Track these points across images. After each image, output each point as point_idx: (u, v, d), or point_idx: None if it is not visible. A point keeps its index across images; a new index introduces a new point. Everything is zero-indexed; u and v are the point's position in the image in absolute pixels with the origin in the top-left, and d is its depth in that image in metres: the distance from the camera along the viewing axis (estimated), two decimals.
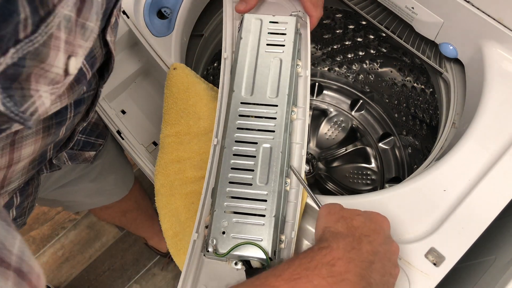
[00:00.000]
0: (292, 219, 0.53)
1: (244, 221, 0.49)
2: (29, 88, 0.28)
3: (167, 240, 0.57)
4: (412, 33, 0.73)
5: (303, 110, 0.58)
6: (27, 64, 0.27)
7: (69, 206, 0.95)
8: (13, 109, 0.27)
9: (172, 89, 0.62)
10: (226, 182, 0.52)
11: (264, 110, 0.55)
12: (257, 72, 0.57)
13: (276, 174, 0.51)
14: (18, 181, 0.48)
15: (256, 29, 0.60)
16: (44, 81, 0.30)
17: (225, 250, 0.48)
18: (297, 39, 0.60)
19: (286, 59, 0.57)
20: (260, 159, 0.52)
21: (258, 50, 0.59)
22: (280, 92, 0.55)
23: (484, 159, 0.55)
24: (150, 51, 0.67)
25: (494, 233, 0.55)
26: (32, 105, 0.29)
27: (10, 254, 0.24)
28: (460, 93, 0.69)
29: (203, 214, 0.53)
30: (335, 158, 1.08)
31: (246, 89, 0.56)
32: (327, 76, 1.13)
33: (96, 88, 0.49)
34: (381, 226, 0.45)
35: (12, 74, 0.26)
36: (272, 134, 0.53)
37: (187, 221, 0.56)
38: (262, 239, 0.48)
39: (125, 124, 0.70)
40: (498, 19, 0.59)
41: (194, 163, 0.59)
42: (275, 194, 0.50)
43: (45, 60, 0.29)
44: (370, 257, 0.40)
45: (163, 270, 1.39)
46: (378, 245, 0.42)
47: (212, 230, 0.49)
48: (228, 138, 0.54)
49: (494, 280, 0.51)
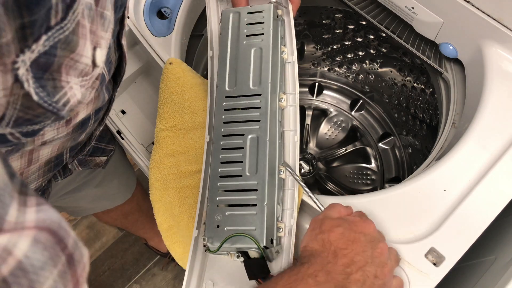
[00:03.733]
0: (290, 207, 0.53)
1: (236, 213, 0.50)
2: (60, 79, 0.29)
3: (162, 233, 0.57)
4: (412, 33, 0.73)
5: (293, 96, 0.57)
6: (58, 53, 0.27)
7: (73, 212, 0.94)
8: (46, 99, 0.28)
9: (167, 84, 0.62)
10: (217, 177, 0.52)
11: (248, 101, 0.55)
12: (238, 65, 0.57)
13: (264, 163, 0.51)
14: (35, 183, 0.48)
15: (235, 22, 0.59)
16: (74, 72, 0.30)
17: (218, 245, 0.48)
18: (278, 25, 0.59)
19: (266, 47, 0.57)
20: (248, 150, 0.52)
21: (238, 43, 0.58)
22: (262, 81, 0.55)
23: (484, 159, 0.55)
24: (150, 51, 0.67)
25: (494, 233, 0.55)
26: (64, 96, 0.30)
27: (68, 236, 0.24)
28: (460, 93, 0.69)
29: (202, 211, 0.53)
30: (335, 158, 1.08)
31: (230, 82, 0.56)
32: (327, 76, 1.13)
33: (111, 94, 0.50)
34: (361, 233, 0.46)
35: (44, 63, 0.26)
36: (258, 124, 0.53)
37: (181, 215, 0.57)
38: (255, 229, 0.48)
39: (125, 124, 0.70)
40: (498, 19, 0.59)
41: (188, 157, 0.60)
42: (265, 183, 0.50)
43: (75, 49, 0.29)
44: (347, 270, 0.42)
45: (163, 270, 1.39)
46: (355, 255, 0.43)
47: (207, 226, 0.50)
48: (216, 133, 0.54)
49: (494, 280, 0.51)
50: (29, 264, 0.20)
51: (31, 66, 0.26)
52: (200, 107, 0.62)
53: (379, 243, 0.46)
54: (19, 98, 0.26)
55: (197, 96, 0.62)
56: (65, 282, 0.22)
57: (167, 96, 0.62)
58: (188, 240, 0.54)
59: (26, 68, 0.25)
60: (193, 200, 0.57)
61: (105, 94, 0.44)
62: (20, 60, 0.25)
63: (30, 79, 0.26)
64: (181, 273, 1.39)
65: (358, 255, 0.44)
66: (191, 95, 0.62)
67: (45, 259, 0.21)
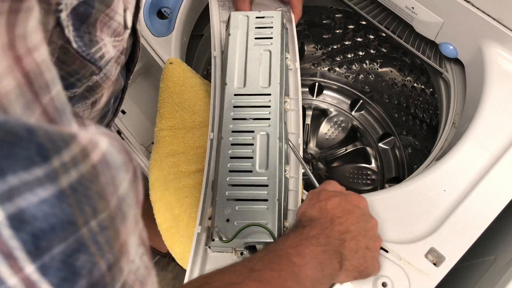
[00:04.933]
0: (294, 206, 0.53)
1: (247, 207, 0.50)
2: (95, 34, 0.29)
3: (162, 233, 0.57)
4: (412, 33, 0.73)
5: (296, 101, 0.59)
6: (96, 6, 0.27)
7: None
8: (84, 48, 0.28)
9: (167, 83, 0.63)
10: (226, 171, 0.52)
11: (258, 100, 0.56)
12: (247, 65, 0.58)
13: (275, 160, 0.52)
14: None
15: (244, 25, 0.61)
16: (107, 31, 0.30)
17: (231, 236, 0.48)
18: (284, 32, 0.61)
19: (275, 51, 0.59)
20: (258, 146, 0.53)
21: (247, 44, 0.60)
22: (272, 82, 0.56)
23: (484, 159, 0.55)
24: (150, 51, 0.67)
25: (494, 233, 0.55)
26: (99, 50, 0.30)
27: (130, 151, 0.23)
28: (460, 93, 0.69)
29: (205, 207, 0.54)
30: (335, 158, 1.08)
31: (238, 81, 0.57)
32: (327, 76, 1.13)
33: (125, 81, 0.50)
34: (356, 206, 0.48)
35: (82, 13, 0.26)
36: (268, 122, 0.54)
37: (181, 215, 0.57)
38: (267, 223, 0.48)
39: (125, 124, 0.70)
40: (498, 19, 0.59)
41: (188, 157, 0.60)
42: (276, 179, 0.51)
43: (111, 4, 0.29)
44: (342, 236, 0.45)
45: (163, 270, 1.39)
46: (350, 225, 0.46)
47: (216, 219, 0.49)
48: (225, 129, 0.54)
49: (494, 280, 0.51)
50: (111, 159, 0.19)
51: (71, 13, 0.26)
52: (200, 107, 0.62)
53: (372, 219, 0.48)
54: (56, 49, 0.26)
55: (197, 95, 0.62)
56: (134, 192, 0.21)
57: (167, 95, 0.62)
58: (188, 240, 0.54)
59: (67, 14, 0.25)
60: (193, 200, 0.57)
61: (121, 79, 0.44)
62: (63, 2, 0.24)
63: (70, 26, 0.26)
64: (181, 273, 1.39)
65: (352, 225, 0.46)
66: (191, 94, 0.62)
67: (121, 160, 0.20)
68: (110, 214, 0.19)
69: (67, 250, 0.16)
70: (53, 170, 0.16)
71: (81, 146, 0.17)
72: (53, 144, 0.16)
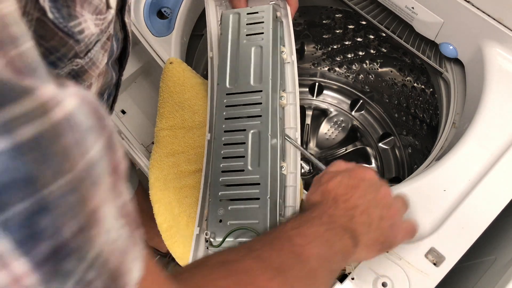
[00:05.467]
0: (293, 203, 0.53)
1: (239, 207, 0.50)
2: (74, 9, 0.28)
3: (162, 233, 0.57)
4: (412, 33, 0.73)
5: (293, 95, 0.58)
6: None
7: None
8: (61, 20, 0.27)
9: (168, 83, 0.63)
10: (218, 172, 0.52)
11: (249, 98, 0.55)
12: (239, 63, 0.58)
13: (266, 157, 0.51)
14: None
15: (235, 23, 0.61)
16: (88, 8, 0.30)
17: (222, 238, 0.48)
18: (277, 25, 0.60)
19: (266, 45, 0.58)
20: (250, 144, 0.53)
21: (238, 42, 0.59)
22: (263, 78, 0.56)
23: (484, 159, 0.55)
24: (150, 51, 0.67)
25: (494, 233, 0.55)
26: (79, 25, 0.29)
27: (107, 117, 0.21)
28: (460, 93, 0.69)
29: (204, 208, 0.54)
30: (335, 158, 1.08)
31: (230, 80, 0.57)
32: (327, 76, 1.13)
33: (117, 76, 0.49)
34: (361, 179, 0.46)
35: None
36: (259, 119, 0.54)
37: (180, 215, 0.57)
38: (258, 222, 0.48)
39: (125, 124, 0.70)
40: (498, 19, 0.59)
41: (188, 157, 0.60)
42: (268, 177, 0.50)
43: None
44: (349, 212, 0.43)
45: None
46: (356, 199, 0.44)
47: (209, 221, 0.50)
48: (217, 129, 0.54)
49: (494, 280, 0.51)
50: (77, 121, 0.18)
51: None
52: (200, 107, 0.62)
53: (381, 187, 0.46)
54: (32, 21, 0.25)
55: (197, 95, 0.62)
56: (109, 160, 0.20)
57: (168, 95, 0.62)
58: (188, 240, 0.54)
59: None
60: (193, 200, 0.57)
61: (112, 73, 0.44)
62: None
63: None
64: None
65: (359, 199, 0.44)
66: (191, 94, 0.62)
67: (90, 124, 0.19)
68: (76, 177, 0.18)
69: (29, 208, 0.16)
70: (6, 120, 0.15)
71: (39, 101, 0.17)
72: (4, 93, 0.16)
